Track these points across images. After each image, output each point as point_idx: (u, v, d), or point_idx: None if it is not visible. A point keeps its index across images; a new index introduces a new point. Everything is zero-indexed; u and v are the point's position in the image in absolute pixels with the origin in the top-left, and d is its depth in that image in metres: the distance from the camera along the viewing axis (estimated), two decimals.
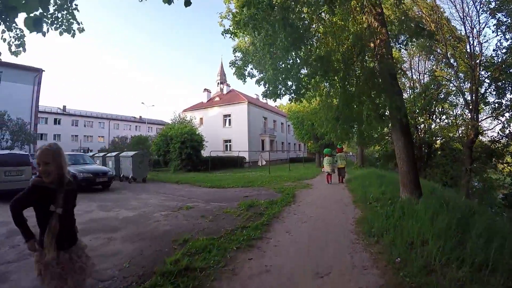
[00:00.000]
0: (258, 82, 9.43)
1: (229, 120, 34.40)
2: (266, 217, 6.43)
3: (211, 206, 8.28)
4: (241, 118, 32.91)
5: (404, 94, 28.82)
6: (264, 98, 9.66)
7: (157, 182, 15.64)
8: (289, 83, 9.57)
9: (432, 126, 30.78)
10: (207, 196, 10.26)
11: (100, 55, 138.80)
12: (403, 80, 25.42)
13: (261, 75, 9.39)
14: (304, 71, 9.16)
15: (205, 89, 39.77)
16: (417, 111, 29.17)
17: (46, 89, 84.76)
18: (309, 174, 18.88)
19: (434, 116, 29.77)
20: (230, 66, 9.82)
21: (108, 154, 17.50)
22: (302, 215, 6.81)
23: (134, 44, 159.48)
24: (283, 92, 9.85)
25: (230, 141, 33.85)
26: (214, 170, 24.27)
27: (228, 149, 32.93)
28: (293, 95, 9.97)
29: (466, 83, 25.08)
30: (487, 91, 24.92)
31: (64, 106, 59.92)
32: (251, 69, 10.03)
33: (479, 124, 25.17)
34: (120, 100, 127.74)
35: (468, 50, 22.55)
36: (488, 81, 23.49)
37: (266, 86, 9.31)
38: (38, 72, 39.53)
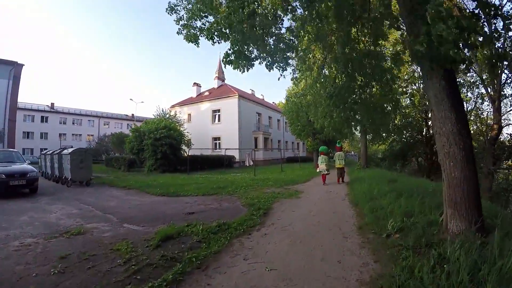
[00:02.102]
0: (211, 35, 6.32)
1: (218, 115, 31.08)
2: (175, 271, 3.15)
3: (116, 231, 5.09)
4: (231, 114, 29.58)
5: (414, 85, 25.60)
6: (225, 66, 6.35)
7: (104, 186, 12.41)
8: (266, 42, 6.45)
9: None
10: (137, 210, 7.01)
11: (92, 50, 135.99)
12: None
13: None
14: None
15: (194, 83, 36.50)
16: (427, 103, 25.75)
17: (35, 86, 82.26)
18: (303, 176, 15.52)
19: None
20: (168, 10, 6.49)
21: (56, 152, 14.30)
22: (256, 265, 3.46)
23: (127, 40, 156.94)
24: (255, 55, 6.57)
25: (219, 138, 30.54)
26: (196, 171, 21.16)
27: (218, 147, 29.64)
28: (269, 60, 6.72)
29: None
30: (506, 82, 21.89)
31: (52, 104, 57.45)
32: (203, 24, 6.70)
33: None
34: (114, 98, 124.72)
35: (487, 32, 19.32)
36: (507, 72, 20.50)
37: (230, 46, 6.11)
38: (13, 65, 36.63)
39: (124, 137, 31.06)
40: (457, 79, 23.47)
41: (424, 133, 26.83)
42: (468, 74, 24.12)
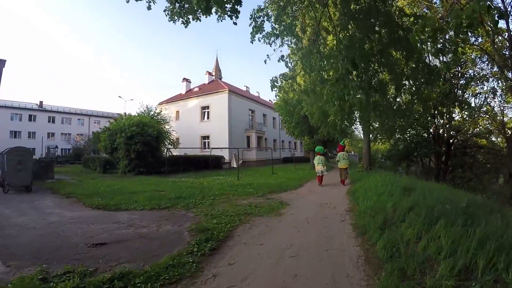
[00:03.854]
0: None
1: (207, 113, 28.59)
2: None
3: None
4: (221, 110, 27.10)
5: None
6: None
7: (47, 192, 9.99)
8: None
9: (455, 118, 24.86)
10: (37, 234, 4.70)
11: (83, 47, 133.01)
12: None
13: None
14: None
15: (184, 79, 34.03)
16: (436, 96, 23.22)
17: (24, 84, 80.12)
18: (296, 180, 13.10)
19: (457, 104, 23.76)
20: None
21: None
22: None
23: (119, 37, 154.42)
24: None
25: (208, 137, 28.08)
26: (178, 173, 18.84)
27: (207, 147, 27.19)
28: None
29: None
30: None
31: (41, 102, 55.26)
32: None
33: None
34: (104, 96, 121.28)
35: None
36: None
37: None
38: None
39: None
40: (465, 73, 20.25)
41: (432, 131, 24.35)
42: (478, 66, 21.78)
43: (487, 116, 22.91)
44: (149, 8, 5.05)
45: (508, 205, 13.45)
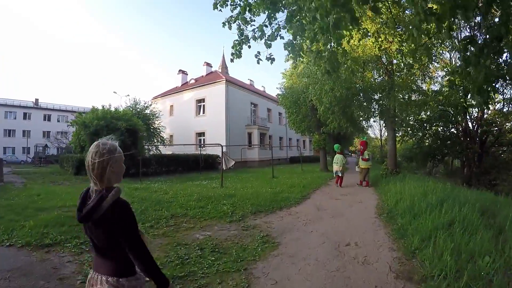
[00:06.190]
0: None
1: (203, 106, 25.34)
2: None
3: None
4: (217, 103, 23.79)
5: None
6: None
7: None
8: None
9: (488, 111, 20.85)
10: None
11: (79, 44, 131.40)
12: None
13: None
14: None
15: (180, 70, 30.88)
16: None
17: (19, 83, 78.86)
18: (300, 188, 9.69)
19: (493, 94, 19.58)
20: None
21: None
22: None
23: (115, 31, 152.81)
24: None
25: (203, 134, 24.83)
26: (160, 174, 16.03)
27: (203, 144, 23.96)
28: None
29: None
30: None
31: (37, 99, 53.39)
32: None
33: None
34: (102, 92, 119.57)
35: None
36: None
37: None
38: None
39: None
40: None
41: (463, 125, 20.50)
42: None
43: None
44: None
45: None
